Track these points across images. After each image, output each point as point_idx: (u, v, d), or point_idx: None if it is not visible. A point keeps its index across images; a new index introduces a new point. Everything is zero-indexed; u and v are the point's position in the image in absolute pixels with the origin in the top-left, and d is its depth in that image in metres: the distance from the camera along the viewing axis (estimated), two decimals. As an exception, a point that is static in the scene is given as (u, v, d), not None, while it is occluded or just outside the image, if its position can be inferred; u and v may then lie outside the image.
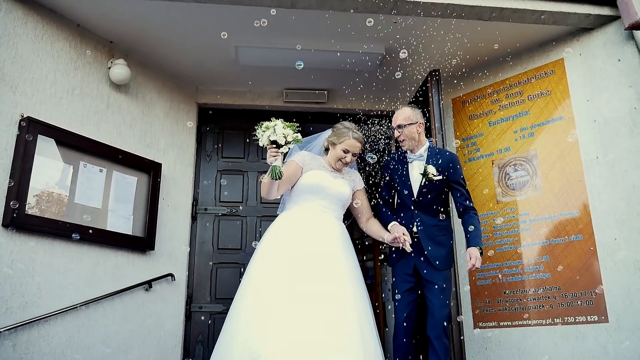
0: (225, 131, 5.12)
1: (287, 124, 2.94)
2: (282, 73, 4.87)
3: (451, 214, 3.59)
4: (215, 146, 5.04)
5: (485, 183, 4.54)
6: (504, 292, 4.24)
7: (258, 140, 2.97)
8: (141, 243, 4.23)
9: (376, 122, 5.38)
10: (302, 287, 2.74)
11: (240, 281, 4.59)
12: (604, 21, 4.11)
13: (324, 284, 2.78)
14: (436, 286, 3.24)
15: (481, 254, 3.21)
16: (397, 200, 3.61)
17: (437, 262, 3.27)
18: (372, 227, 3.35)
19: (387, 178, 3.59)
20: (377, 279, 8.16)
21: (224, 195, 4.93)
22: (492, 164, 4.57)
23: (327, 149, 3.40)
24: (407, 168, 3.47)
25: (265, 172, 3.01)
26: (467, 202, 3.37)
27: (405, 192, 3.42)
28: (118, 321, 3.98)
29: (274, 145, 2.91)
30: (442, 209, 3.40)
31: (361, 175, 3.52)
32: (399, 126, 3.43)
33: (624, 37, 4.00)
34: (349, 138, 3.28)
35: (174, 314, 4.42)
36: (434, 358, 3.20)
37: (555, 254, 4.08)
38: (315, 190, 3.15)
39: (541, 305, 4.06)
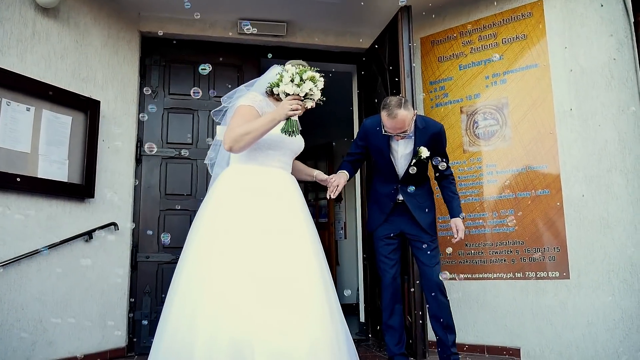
0: (172, 64, 4.59)
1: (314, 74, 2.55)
2: (236, 0, 4.35)
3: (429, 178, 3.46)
4: (161, 81, 4.53)
5: (452, 131, 4.30)
6: (466, 245, 4.14)
7: (276, 84, 2.59)
8: (79, 190, 3.80)
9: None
10: (269, 270, 2.44)
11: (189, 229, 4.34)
12: (590, -39, 3.82)
13: (291, 269, 2.50)
14: (427, 247, 3.20)
15: (463, 220, 3.22)
16: (376, 168, 3.44)
17: (430, 228, 3.24)
18: (297, 165, 2.99)
19: (361, 142, 3.32)
20: (331, 218, 8.07)
21: (171, 136, 4.49)
22: (461, 110, 4.34)
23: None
24: (391, 144, 3.20)
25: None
26: (447, 170, 3.25)
27: (387, 168, 3.23)
28: (55, 276, 3.62)
29: (298, 96, 2.53)
30: (424, 178, 3.33)
31: None
32: (402, 133, 3.06)
33: (609, -19, 3.74)
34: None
35: (119, 265, 4.09)
36: (434, 315, 3.21)
37: (520, 208, 3.97)
38: (278, 145, 2.71)
39: (503, 259, 4.00)
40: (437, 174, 3.29)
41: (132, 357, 4.06)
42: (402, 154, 3.19)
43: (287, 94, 2.57)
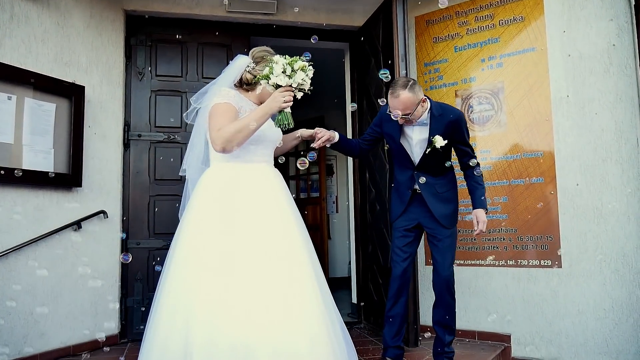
0: (158, 44, 4.43)
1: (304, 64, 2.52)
2: (224, -22, 4.19)
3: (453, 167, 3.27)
4: (148, 62, 4.38)
5: (446, 115, 4.22)
6: (459, 231, 4.11)
7: (266, 76, 2.52)
8: (66, 180, 3.72)
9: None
10: (262, 269, 2.41)
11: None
12: (593, -59, 3.67)
13: (283, 266, 2.46)
14: (441, 243, 3.07)
15: (486, 212, 3.04)
16: (392, 154, 3.34)
17: (444, 220, 3.08)
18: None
19: (376, 128, 3.24)
20: (322, 192, 8.03)
21: (160, 120, 4.38)
22: (455, 94, 4.25)
23: (249, 83, 2.74)
24: (405, 131, 3.10)
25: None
26: (471, 160, 3.07)
27: (402, 155, 3.13)
28: (45, 268, 3.57)
29: (290, 87, 2.50)
30: (443, 165, 3.11)
31: None
32: (407, 114, 2.95)
33: (612, -38, 3.61)
34: None
35: (109, 253, 4.05)
36: (437, 312, 3.13)
37: (514, 196, 3.94)
38: (259, 139, 2.63)
39: (495, 246, 3.99)
40: (461, 165, 3.14)
41: (125, 343, 4.07)
42: (417, 140, 3.07)
43: (279, 86, 2.51)
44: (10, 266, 3.37)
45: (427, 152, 3.02)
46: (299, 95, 2.57)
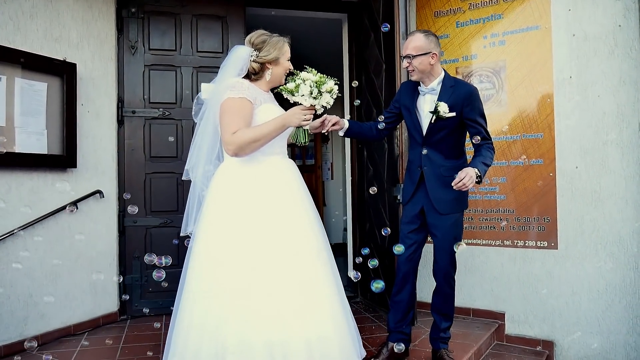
0: (151, 17, 4.27)
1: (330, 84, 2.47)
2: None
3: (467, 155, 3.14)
4: (140, 35, 4.25)
5: (446, 93, 4.16)
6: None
7: (290, 91, 2.47)
8: (60, 161, 3.66)
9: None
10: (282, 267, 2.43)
11: (178, 193, 4.26)
12: None
13: (306, 261, 2.48)
14: (439, 234, 2.98)
15: (479, 182, 2.77)
16: (405, 135, 3.29)
17: (439, 205, 2.94)
18: None
19: (395, 104, 3.16)
20: (318, 160, 8.00)
21: (154, 95, 4.28)
22: (456, 71, 4.17)
23: (256, 72, 2.66)
24: (418, 100, 3.02)
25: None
26: (484, 140, 2.92)
27: (414, 127, 3.03)
28: (43, 250, 3.56)
29: (313, 107, 2.47)
30: (457, 148, 3.00)
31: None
32: (408, 56, 2.90)
33: (622, -61, 3.49)
34: (285, 43, 2.69)
35: (106, 232, 4.03)
36: (436, 299, 3.13)
37: (512, 176, 3.94)
38: None
39: (492, 226, 4.02)
40: (475, 143, 2.92)
41: (124, 320, 4.10)
42: (426, 112, 2.98)
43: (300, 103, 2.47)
44: (8, 249, 3.36)
45: (432, 121, 2.92)
46: (320, 112, 2.54)
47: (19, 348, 3.33)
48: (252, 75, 2.67)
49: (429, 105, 2.98)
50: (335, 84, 2.48)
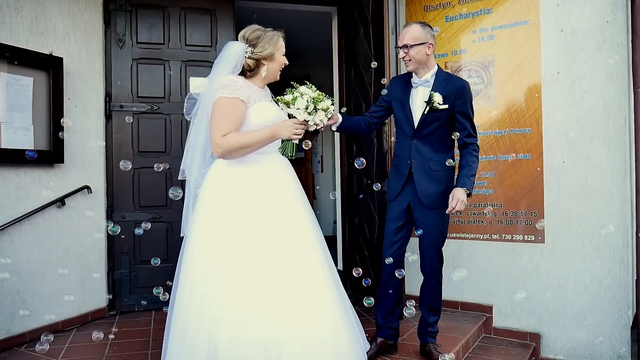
0: (139, 9, 4.23)
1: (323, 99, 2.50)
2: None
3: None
4: (128, 29, 4.20)
5: (435, 87, 4.17)
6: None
7: (286, 103, 2.48)
8: (47, 157, 3.62)
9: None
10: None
11: (167, 188, 4.24)
12: None
13: (301, 261, 2.49)
14: (426, 229, 2.98)
15: (469, 195, 2.85)
16: (394, 129, 3.30)
17: (425, 199, 2.95)
18: None
19: (386, 97, 3.17)
20: (308, 153, 8.00)
21: (142, 90, 4.24)
22: (445, 66, 4.17)
23: (250, 69, 2.65)
24: (410, 93, 3.03)
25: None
26: (470, 137, 2.96)
27: (405, 120, 3.02)
28: (30, 247, 3.54)
29: (306, 123, 2.48)
30: (446, 142, 3.02)
31: None
32: (405, 46, 2.93)
33: None
34: (280, 38, 2.67)
35: (94, 228, 4.01)
36: (423, 294, 3.15)
37: (500, 171, 3.96)
38: None
39: (480, 220, 4.05)
40: (461, 143, 2.99)
41: (113, 316, 4.09)
42: (419, 104, 2.99)
43: (294, 116, 2.47)
44: (-5, 247, 3.34)
45: (425, 112, 2.93)
46: (312, 129, 2.54)
47: (6, 345, 3.32)
48: (247, 72, 2.66)
49: (421, 97, 3.00)
50: (331, 104, 2.50)
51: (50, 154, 3.64)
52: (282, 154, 2.54)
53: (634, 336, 3.53)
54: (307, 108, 2.42)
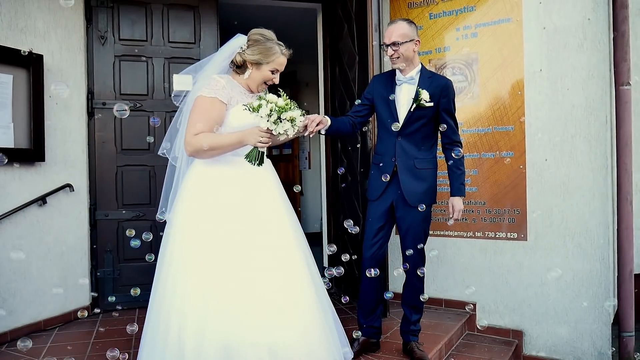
0: (121, 6, 4.19)
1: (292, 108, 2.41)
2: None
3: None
4: (110, 25, 4.16)
5: (419, 85, 4.17)
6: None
7: (254, 109, 2.40)
8: (28, 155, 3.59)
9: None
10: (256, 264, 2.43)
11: (150, 185, 4.22)
12: None
13: (277, 259, 2.49)
14: (409, 228, 2.99)
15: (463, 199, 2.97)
16: (376, 127, 3.27)
17: (410, 197, 2.94)
18: None
19: (368, 95, 3.14)
20: (295, 149, 7.98)
21: (125, 87, 4.21)
22: (429, 63, 4.18)
23: (239, 66, 2.67)
24: (395, 91, 3.02)
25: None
26: (454, 135, 2.98)
27: (389, 118, 3.00)
28: (10, 246, 3.51)
29: (270, 131, 2.41)
30: (429, 140, 3.03)
31: None
32: (394, 43, 2.91)
33: None
34: (279, 55, 2.64)
35: (77, 227, 3.98)
36: (406, 293, 3.16)
37: (483, 169, 3.98)
38: None
39: (464, 218, 4.06)
40: (443, 139, 3.01)
41: (97, 314, 4.07)
42: (404, 101, 2.99)
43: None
44: (-26, 246, 3.30)
45: (412, 110, 2.93)
46: (282, 138, 2.46)
47: (-13, 345, 3.29)
48: (236, 67, 2.68)
49: (406, 94, 3.00)
50: (301, 115, 2.42)
51: (31, 152, 3.60)
52: (247, 161, 2.50)
53: (615, 332, 3.57)
54: (270, 116, 2.37)
